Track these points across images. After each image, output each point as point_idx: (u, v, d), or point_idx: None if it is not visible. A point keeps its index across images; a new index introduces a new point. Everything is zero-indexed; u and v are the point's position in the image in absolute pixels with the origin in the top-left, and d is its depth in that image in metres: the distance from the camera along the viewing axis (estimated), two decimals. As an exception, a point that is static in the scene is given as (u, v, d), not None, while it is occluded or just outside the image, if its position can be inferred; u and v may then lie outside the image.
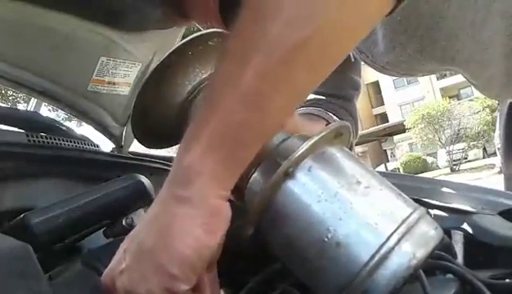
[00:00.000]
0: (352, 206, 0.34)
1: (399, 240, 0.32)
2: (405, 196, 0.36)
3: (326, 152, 0.37)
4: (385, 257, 0.32)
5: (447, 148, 16.70)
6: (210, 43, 0.43)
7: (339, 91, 0.92)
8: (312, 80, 0.37)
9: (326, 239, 0.33)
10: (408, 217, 0.34)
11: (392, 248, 0.32)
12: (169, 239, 0.34)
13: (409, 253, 0.32)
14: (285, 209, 0.36)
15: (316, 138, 0.36)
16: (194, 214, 0.34)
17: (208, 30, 0.43)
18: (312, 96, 0.93)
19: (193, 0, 0.68)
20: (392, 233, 0.32)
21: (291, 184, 0.36)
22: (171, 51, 0.41)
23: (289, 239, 0.36)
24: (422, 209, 0.35)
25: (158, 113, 0.43)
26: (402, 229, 0.33)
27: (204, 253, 0.34)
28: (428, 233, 0.34)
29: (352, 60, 0.86)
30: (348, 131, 0.40)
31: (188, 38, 0.42)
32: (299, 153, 0.36)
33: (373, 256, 0.32)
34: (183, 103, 0.43)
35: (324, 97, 0.93)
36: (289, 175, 0.36)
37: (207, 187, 0.35)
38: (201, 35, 0.43)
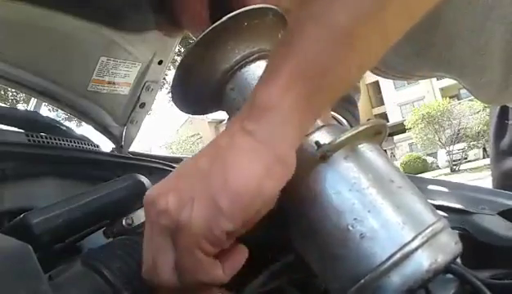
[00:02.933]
0: (383, 201, 0.34)
1: (423, 243, 0.33)
2: (430, 204, 0.37)
3: (364, 146, 0.38)
4: (406, 257, 0.32)
5: (447, 148, 16.71)
6: (266, 19, 0.43)
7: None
8: (401, 25, 0.36)
9: (351, 228, 0.33)
10: (434, 224, 0.34)
11: (415, 249, 0.32)
12: (228, 171, 0.32)
13: (431, 257, 0.32)
14: (316, 191, 0.36)
15: (359, 129, 0.37)
16: (260, 152, 0.32)
17: (265, 5, 0.43)
18: None
19: (184, 9, 0.69)
20: (416, 235, 0.33)
21: (326, 168, 0.36)
22: (227, 16, 0.40)
23: (314, 223, 0.35)
24: (445, 220, 0.36)
25: (201, 75, 0.42)
26: (428, 234, 0.33)
27: (258, 200, 0.32)
28: (450, 243, 0.34)
29: None
30: (385, 131, 0.40)
31: (245, 9, 0.41)
32: (340, 140, 0.35)
33: (394, 254, 0.32)
34: (228, 71, 0.42)
35: None
36: (325, 159, 0.36)
37: (280, 125, 0.33)
38: (259, 8, 0.42)
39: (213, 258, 0.32)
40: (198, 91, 0.43)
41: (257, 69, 0.42)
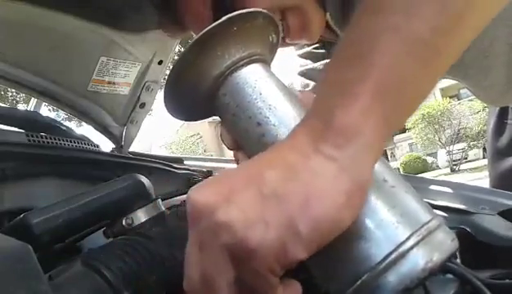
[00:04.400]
0: (377, 201, 0.34)
1: (418, 242, 0.33)
2: (426, 202, 0.37)
3: None
4: (402, 256, 0.32)
5: (447, 148, 16.71)
6: (256, 23, 0.42)
7: None
8: (479, 27, 0.34)
9: (347, 230, 0.33)
10: (429, 222, 0.34)
11: (411, 248, 0.32)
12: (309, 196, 0.29)
13: (426, 256, 0.32)
14: None
15: None
16: (343, 180, 0.30)
17: (256, 9, 0.42)
18: None
19: (187, 10, 0.69)
20: (412, 234, 0.33)
21: None
22: (217, 22, 0.40)
23: None
24: (441, 218, 0.35)
25: (192, 82, 0.42)
26: (423, 232, 0.33)
27: (336, 229, 0.30)
28: (446, 241, 0.34)
29: None
30: None
31: (236, 13, 0.40)
32: None
33: (390, 253, 0.32)
34: (219, 77, 0.42)
35: None
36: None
37: (363, 152, 0.31)
38: (249, 12, 0.41)
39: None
40: (190, 98, 0.43)
41: (248, 73, 0.42)
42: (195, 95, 0.43)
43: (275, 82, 0.42)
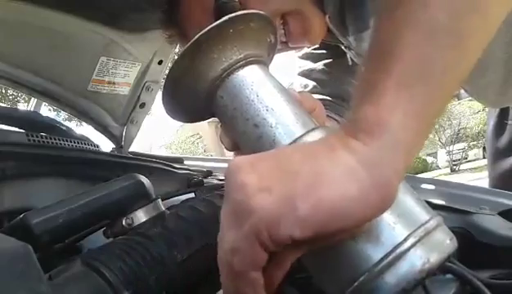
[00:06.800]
0: None
1: (415, 243, 0.33)
2: (424, 202, 0.36)
3: None
4: (399, 258, 0.32)
5: (447, 148, 16.71)
6: (252, 24, 0.42)
7: (343, 94, 0.93)
8: (502, 10, 0.34)
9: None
10: (426, 222, 0.34)
11: (408, 250, 0.32)
12: (318, 180, 0.30)
13: (423, 257, 0.32)
14: None
15: None
16: (359, 175, 0.30)
17: (251, 11, 0.42)
18: (317, 97, 0.93)
19: (190, 22, 0.69)
20: (409, 235, 0.33)
21: None
22: (212, 25, 0.40)
23: None
24: (440, 218, 0.35)
25: (189, 85, 0.42)
26: (420, 233, 0.33)
27: (339, 220, 0.29)
28: (444, 241, 0.34)
29: (350, 63, 0.86)
30: None
31: (230, 15, 0.40)
32: None
33: (387, 255, 0.32)
34: (216, 79, 0.42)
35: (330, 98, 0.94)
36: None
37: (390, 148, 0.30)
38: (244, 14, 0.41)
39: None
40: (189, 100, 0.44)
41: (245, 75, 0.42)
42: (193, 97, 0.43)
43: (272, 84, 0.42)
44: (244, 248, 0.31)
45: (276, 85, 0.42)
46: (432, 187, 0.71)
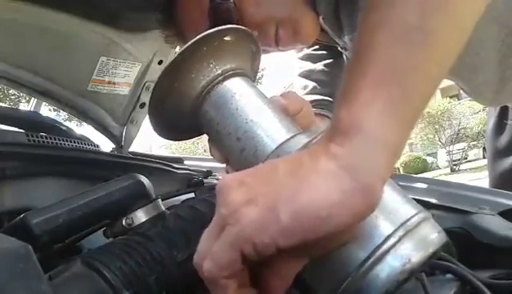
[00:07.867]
0: None
1: (395, 243, 0.32)
2: (409, 197, 0.36)
3: None
4: (380, 259, 0.32)
5: (447, 148, 16.71)
6: (226, 39, 0.43)
7: None
8: (473, 12, 0.34)
9: None
10: (408, 220, 0.33)
11: (388, 251, 0.32)
12: (300, 188, 0.30)
13: (404, 257, 0.32)
14: None
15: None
16: (340, 178, 0.30)
17: (224, 26, 0.43)
18: (316, 97, 0.93)
19: (186, 17, 0.70)
20: (388, 236, 0.32)
21: None
22: (185, 46, 0.41)
23: None
24: (425, 212, 0.34)
25: (173, 106, 0.43)
26: (400, 232, 0.32)
27: (322, 226, 0.29)
28: (428, 237, 0.33)
29: (346, 63, 0.86)
30: None
31: (203, 34, 0.41)
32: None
33: (368, 257, 0.32)
34: (197, 97, 0.43)
35: (330, 99, 0.94)
36: None
37: (367, 147, 0.30)
38: (217, 31, 0.42)
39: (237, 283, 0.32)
40: (175, 119, 0.45)
41: (224, 90, 0.43)
42: (178, 116, 0.44)
43: (253, 95, 0.43)
44: (217, 255, 0.31)
45: (256, 95, 0.43)
46: (432, 187, 0.71)
